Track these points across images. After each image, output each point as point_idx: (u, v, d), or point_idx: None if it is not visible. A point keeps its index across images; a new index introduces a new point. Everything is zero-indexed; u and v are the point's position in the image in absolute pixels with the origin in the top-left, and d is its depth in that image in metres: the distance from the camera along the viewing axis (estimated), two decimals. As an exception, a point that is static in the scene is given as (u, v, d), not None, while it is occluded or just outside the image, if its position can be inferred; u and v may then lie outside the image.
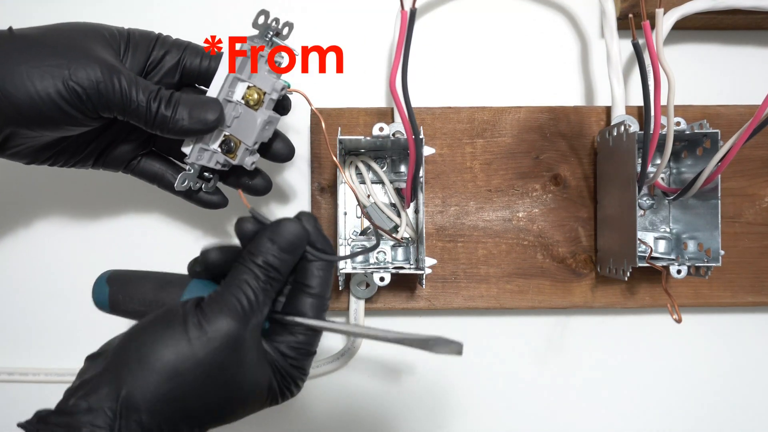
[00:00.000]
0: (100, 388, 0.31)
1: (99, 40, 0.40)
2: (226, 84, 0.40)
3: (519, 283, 0.51)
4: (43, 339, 0.53)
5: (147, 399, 0.31)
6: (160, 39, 0.42)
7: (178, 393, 0.32)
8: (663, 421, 0.54)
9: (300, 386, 0.37)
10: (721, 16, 0.51)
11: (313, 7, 0.54)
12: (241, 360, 0.34)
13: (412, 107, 0.41)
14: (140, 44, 0.41)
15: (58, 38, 0.39)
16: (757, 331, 0.54)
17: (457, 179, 0.51)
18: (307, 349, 0.36)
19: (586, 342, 0.54)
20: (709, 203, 0.45)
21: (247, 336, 0.34)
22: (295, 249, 0.35)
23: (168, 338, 0.33)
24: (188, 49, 0.43)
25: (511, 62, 0.54)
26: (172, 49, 0.42)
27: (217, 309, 0.33)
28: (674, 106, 0.42)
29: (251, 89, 0.40)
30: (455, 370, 0.54)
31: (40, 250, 0.53)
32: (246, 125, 0.40)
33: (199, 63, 0.42)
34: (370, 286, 0.50)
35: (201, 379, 0.33)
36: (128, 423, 0.31)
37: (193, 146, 0.42)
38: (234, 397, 0.34)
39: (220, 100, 0.40)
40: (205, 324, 0.33)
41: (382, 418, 0.54)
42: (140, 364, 0.32)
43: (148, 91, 0.39)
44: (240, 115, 0.40)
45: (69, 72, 0.37)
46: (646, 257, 0.45)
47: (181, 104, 0.39)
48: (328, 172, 0.51)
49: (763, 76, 0.54)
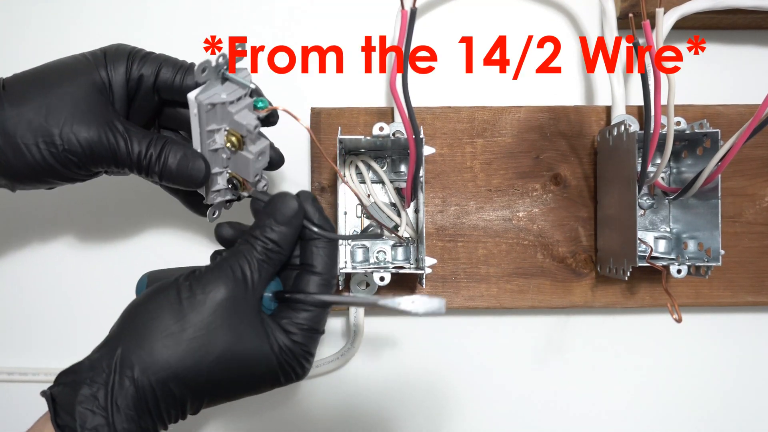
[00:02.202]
0: (101, 350, 0.34)
1: (85, 84, 0.39)
2: (203, 138, 0.39)
3: (519, 282, 0.51)
4: (43, 339, 0.53)
5: (139, 357, 0.33)
6: (136, 54, 0.41)
7: (167, 353, 0.34)
8: (663, 420, 0.54)
9: (305, 368, 0.37)
10: (721, 16, 0.51)
11: (314, 7, 0.54)
12: (234, 328, 0.34)
13: (412, 107, 0.41)
14: (118, 62, 0.40)
15: (41, 89, 0.38)
16: (757, 331, 0.54)
17: (457, 179, 0.51)
18: (312, 326, 0.37)
19: (586, 342, 0.54)
20: (709, 203, 0.45)
21: (242, 305, 0.35)
22: (290, 221, 0.36)
23: (160, 301, 0.35)
24: (165, 64, 0.41)
25: (512, 62, 0.54)
26: (148, 65, 0.41)
27: (209, 275, 0.35)
28: (674, 106, 0.42)
29: (228, 133, 0.39)
30: (455, 369, 0.54)
31: (40, 250, 0.53)
32: (240, 164, 0.40)
33: (174, 78, 0.41)
34: (370, 286, 0.50)
35: (190, 341, 0.34)
36: (121, 378, 0.33)
37: (206, 191, 0.42)
38: (229, 368, 0.35)
39: (204, 151, 0.39)
40: (197, 288, 0.35)
41: (382, 418, 0.54)
42: (133, 325, 0.34)
43: (140, 144, 0.39)
44: (232, 157, 0.40)
45: (60, 135, 0.37)
46: (646, 257, 0.45)
47: (170, 155, 0.39)
48: (328, 171, 0.51)
49: (763, 76, 0.54)
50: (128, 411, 0.33)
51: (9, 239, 0.53)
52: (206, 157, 0.39)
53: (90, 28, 0.53)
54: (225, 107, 0.38)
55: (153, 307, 0.35)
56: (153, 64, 0.41)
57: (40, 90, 0.38)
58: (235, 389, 0.36)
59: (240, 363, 0.35)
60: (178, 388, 0.34)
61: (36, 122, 0.37)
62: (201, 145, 0.39)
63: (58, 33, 0.53)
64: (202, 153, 0.39)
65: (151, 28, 0.53)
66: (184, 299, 0.34)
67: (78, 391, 0.33)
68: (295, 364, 0.36)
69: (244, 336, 0.35)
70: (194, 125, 0.38)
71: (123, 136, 0.38)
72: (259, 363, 0.35)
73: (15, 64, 0.41)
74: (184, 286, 0.35)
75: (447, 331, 0.54)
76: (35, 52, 0.53)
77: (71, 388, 0.33)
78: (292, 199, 0.36)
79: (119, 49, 0.41)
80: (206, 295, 0.34)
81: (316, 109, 0.51)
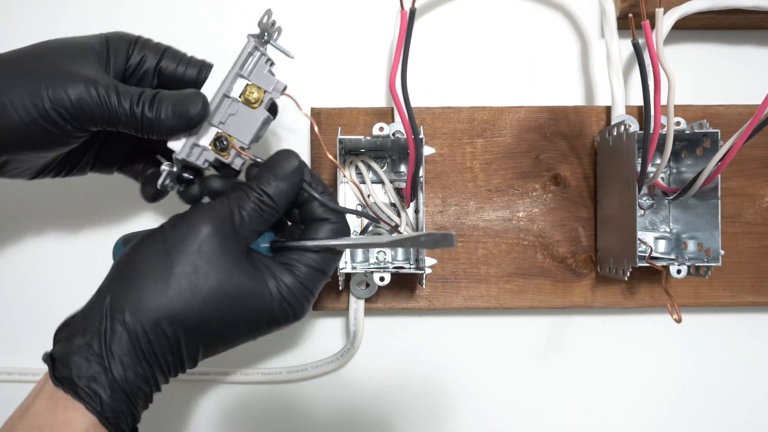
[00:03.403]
0: (92, 300, 0.34)
1: (75, 54, 0.38)
2: (228, 79, 0.39)
3: (519, 282, 0.51)
4: (43, 339, 0.53)
5: (128, 300, 0.33)
6: (138, 42, 0.41)
7: (156, 293, 0.33)
8: (663, 420, 0.54)
9: (305, 307, 0.37)
10: (721, 16, 0.51)
11: (314, 7, 0.54)
12: (222, 265, 0.34)
13: (412, 107, 0.41)
14: (119, 48, 0.40)
15: (33, 60, 0.37)
16: (757, 331, 0.54)
17: (457, 179, 0.51)
18: (320, 267, 0.37)
19: (586, 342, 0.54)
20: (709, 203, 0.45)
21: (229, 242, 0.35)
22: (288, 177, 0.36)
23: (146, 245, 0.35)
24: (167, 53, 0.41)
25: (511, 62, 0.54)
26: (150, 53, 0.41)
27: (194, 213, 0.35)
28: (674, 106, 0.42)
29: (251, 87, 0.39)
30: (455, 369, 0.54)
31: (40, 250, 0.53)
32: (243, 123, 0.40)
33: (175, 69, 0.41)
34: (370, 286, 0.50)
35: (177, 279, 0.33)
36: (113, 324, 0.33)
37: (185, 141, 0.40)
38: (220, 306, 0.34)
39: (216, 94, 0.39)
40: (181, 225, 0.35)
41: (382, 418, 0.54)
42: (121, 272, 0.35)
43: (129, 95, 0.37)
44: (236, 113, 0.40)
45: (47, 93, 0.36)
46: (646, 257, 0.45)
47: (164, 102, 0.37)
48: (328, 171, 0.51)
49: (763, 76, 0.54)
50: (124, 357, 0.33)
51: (9, 239, 0.53)
52: (214, 103, 0.39)
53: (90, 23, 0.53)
54: (262, 60, 0.39)
55: (140, 252, 0.35)
56: (155, 51, 0.41)
57: (34, 58, 0.38)
58: (229, 330, 0.35)
59: (232, 300, 0.34)
60: (171, 329, 0.33)
61: (24, 83, 0.36)
62: (217, 89, 0.39)
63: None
64: (215, 95, 0.39)
65: (152, 24, 0.53)
66: (168, 238, 0.34)
67: (72, 341, 0.33)
68: (293, 302, 0.36)
69: (234, 272, 0.34)
70: (224, 66, 0.39)
71: (111, 88, 0.37)
72: (252, 299, 0.35)
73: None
74: (167, 226, 0.35)
75: (447, 331, 0.54)
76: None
77: (66, 341, 0.33)
78: (294, 156, 0.36)
79: (122, 34, 0.41)
80: (191, 231, 0.34)
81: (316, 109, 0.51)
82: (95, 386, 0.32)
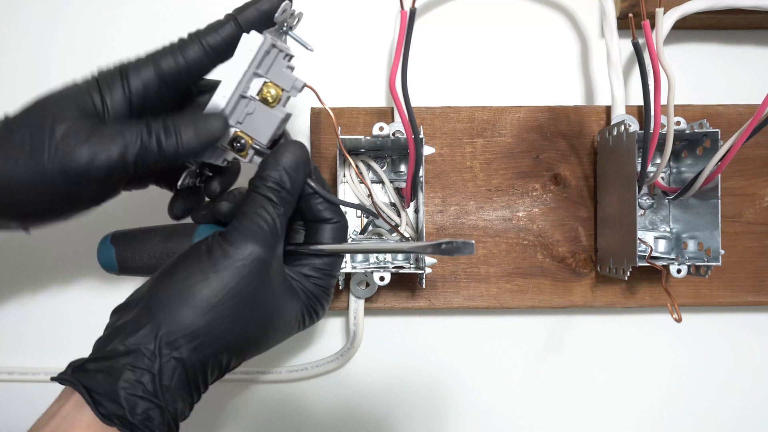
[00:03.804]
0: (138, 331, 0.32)
1: (69, 110, 0.35)
2: (245, 79, 0.37)
3: (519, 282, 0.51)
4: (43, 339, 0.53)
5: (185, 335, 0.32)
6: (125, 67, 0.37)
7: (215, 326, 0.33)
8: (663, 420, 0.54)
9: (325, 308, 0.39)
10: (721, 16, 0.51)
11: (313, 7, 0.54)
12: (269, 284, 0.35)
13: (412, 107, 0.41)
14: (112, 83, 0.36)
15: (32, 130, 0.34)
16: (757, 331, 0.54)
17: (457, 179, 0.51)
18: (330, 271, 0.38)
19: (586, 342, 0.54)
20: (709, 203, 0.45)
21: (273, 260, 0.35)
22: (298, 167, 0.36)
23: (198, 272, 0.33)
24: (157, 57, 0.37)
25: (511, 62, 0.54)
26: (144, 69, 0.37)
27: (240, 236, 0.34)
28: (674, 106, 0.42)
29: (268, 85, 0.38)
30: (455, 369, 0.54)
31: (40, 249, 0.53)
32: (260, 122, 0.38)
33: (175, 63, 0.37)
34: (370, 286, 0.50)
35: (235, 308, 0.33)
36: (168, 361, 0.32)
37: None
38: (268, 324, 0.35)
39: (233, 94, 0.37)
40: (232, 252, 0.34)
41: (382, 418, 0.54)
42: (174, 301, 0.33)
43: (137, 131, 0.35)
44: (254, 112, 0.38)
45: (56, 164, 0.33)
46: (646, 257, 0.45)
47: (182, 126, 0.36)
48: (328, 171, 0.51)
49: (763, 76, 0.54)
50: (178, 391, 0.32)
51: (8, 238, 0.53)
52: (230, 104, 0.37)
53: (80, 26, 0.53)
54: (279, 57, 0.37)
55: (191, 282, 0.33)
56: (147, 67, 0.37)
57: (26, 129, 0.34)
58: (273, 342, 0.37)
59: (278, 318, 0.35)
60: (226, 358, 0.34)
61: (29, 161, 0.33)
62: (233, 90, 0.37)
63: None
64: (231, 96, 0.37)
65: (140, 26, 0.53)
66: (221, 269, 0.33)
67: (120, 378, 0.31)
68: (318, 306, 0.38)
69: (280, 291, 0.35)
70: (239, 66, 0.36)
71: (117, 133, 0.34)
72: (291, 313, 0.36)
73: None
74: (218, 254, 0.34)
75: (447, 331, 0.54)
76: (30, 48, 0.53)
77: (108, 374, 0.31)
78: (302, 147, 0.37)
79: (109, 71, 0.37)
80: (243, 260, 0.34)
81: (316, 109, 0.51)
82: (150, 425, 0.31)
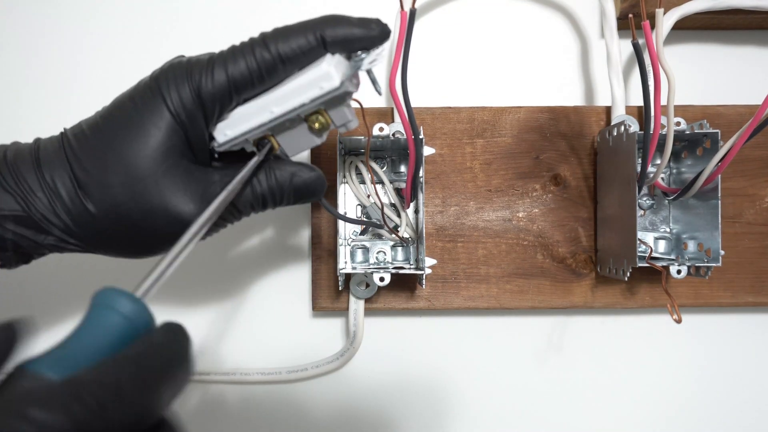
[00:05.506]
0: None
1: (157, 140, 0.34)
2: (308, 106, 0.35)
3: (519, 283, 0.51)
4: (44, 339, 0.53)
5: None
6: (200, 87, 0.34)
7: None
8: (663, 421, 0.54)
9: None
10: (721, 16, 0.51)
11: (314, 7, 0.54)
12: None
13: (412, 107, 0.41)
14: (194, 116, 0.35)
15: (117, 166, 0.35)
16: (757, 331, 0.54)
17: (457, 179, 0.51)
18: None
19: (586, 342, 0.54)
20: (709, 203, 0.45)
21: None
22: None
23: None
24: (225, 62, 0.34)
25: (511, 62, 0.54)
26: (213, 80, 0.34)
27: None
28: (674, 106, 0.42)
29: (321, 113, 0.36)
30: (455, 370, 0.54)
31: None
32: (295, 139, 0.37)
33: (247, 68, 0.34)
34: (370, 286, 0.50)
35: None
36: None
37: (231, 138, 0.36)
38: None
39: (289, 112, 0.36)
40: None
41: (382, 418, 0.54)
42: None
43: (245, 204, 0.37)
44: (294, 128, 0.37)
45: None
46: (646, 257, 0.45)
47: (285, 180, 0.37)
48: (327, 172, 0.50)
49: (763, 76, 0.54)
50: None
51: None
52: (282, 117, 0.36)
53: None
54: (345, 97, 0.35)
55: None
56: (220, 70, 0.34)
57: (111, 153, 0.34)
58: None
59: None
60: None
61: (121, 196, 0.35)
62: (294, 107, 0.35)
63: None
64: (278, 113, 0.35)
65: (151, 30, 0.53)
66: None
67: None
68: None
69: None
70: (304, 93, 0.35)
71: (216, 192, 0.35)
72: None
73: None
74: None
75: (447, 331, 0.54)
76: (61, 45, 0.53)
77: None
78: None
79: (175, 69, 0.35)
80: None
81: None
82: None
